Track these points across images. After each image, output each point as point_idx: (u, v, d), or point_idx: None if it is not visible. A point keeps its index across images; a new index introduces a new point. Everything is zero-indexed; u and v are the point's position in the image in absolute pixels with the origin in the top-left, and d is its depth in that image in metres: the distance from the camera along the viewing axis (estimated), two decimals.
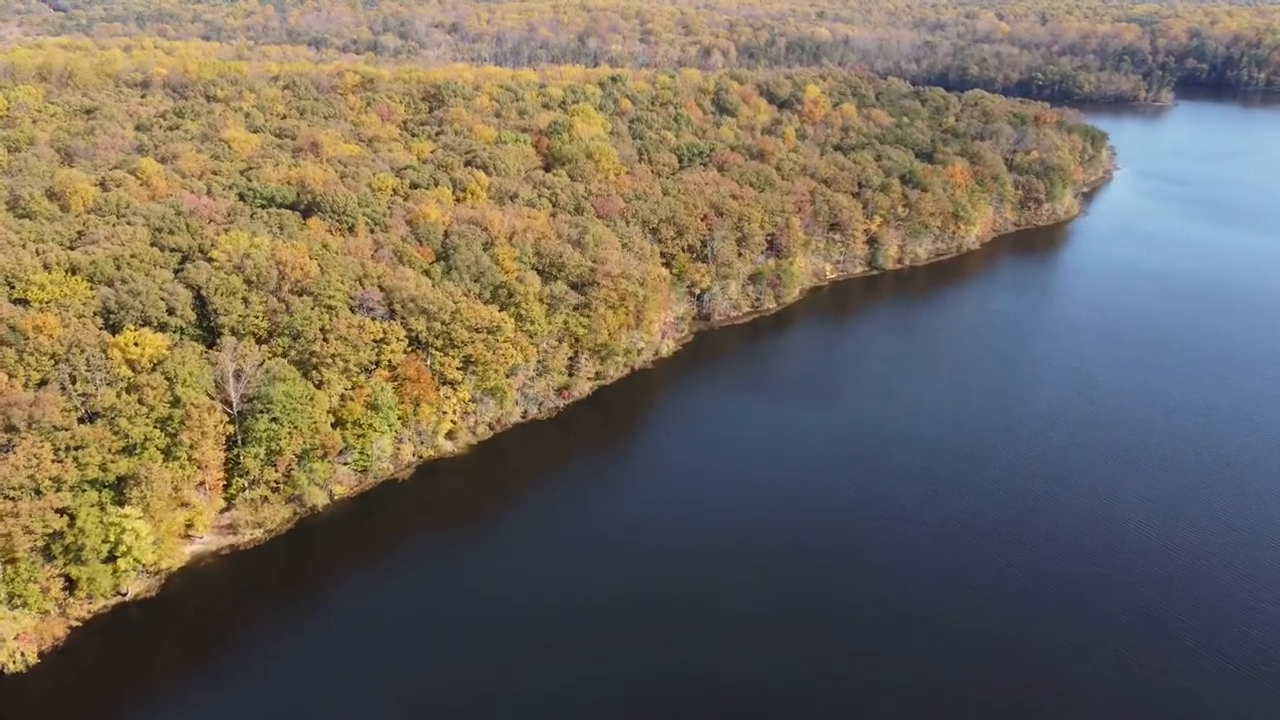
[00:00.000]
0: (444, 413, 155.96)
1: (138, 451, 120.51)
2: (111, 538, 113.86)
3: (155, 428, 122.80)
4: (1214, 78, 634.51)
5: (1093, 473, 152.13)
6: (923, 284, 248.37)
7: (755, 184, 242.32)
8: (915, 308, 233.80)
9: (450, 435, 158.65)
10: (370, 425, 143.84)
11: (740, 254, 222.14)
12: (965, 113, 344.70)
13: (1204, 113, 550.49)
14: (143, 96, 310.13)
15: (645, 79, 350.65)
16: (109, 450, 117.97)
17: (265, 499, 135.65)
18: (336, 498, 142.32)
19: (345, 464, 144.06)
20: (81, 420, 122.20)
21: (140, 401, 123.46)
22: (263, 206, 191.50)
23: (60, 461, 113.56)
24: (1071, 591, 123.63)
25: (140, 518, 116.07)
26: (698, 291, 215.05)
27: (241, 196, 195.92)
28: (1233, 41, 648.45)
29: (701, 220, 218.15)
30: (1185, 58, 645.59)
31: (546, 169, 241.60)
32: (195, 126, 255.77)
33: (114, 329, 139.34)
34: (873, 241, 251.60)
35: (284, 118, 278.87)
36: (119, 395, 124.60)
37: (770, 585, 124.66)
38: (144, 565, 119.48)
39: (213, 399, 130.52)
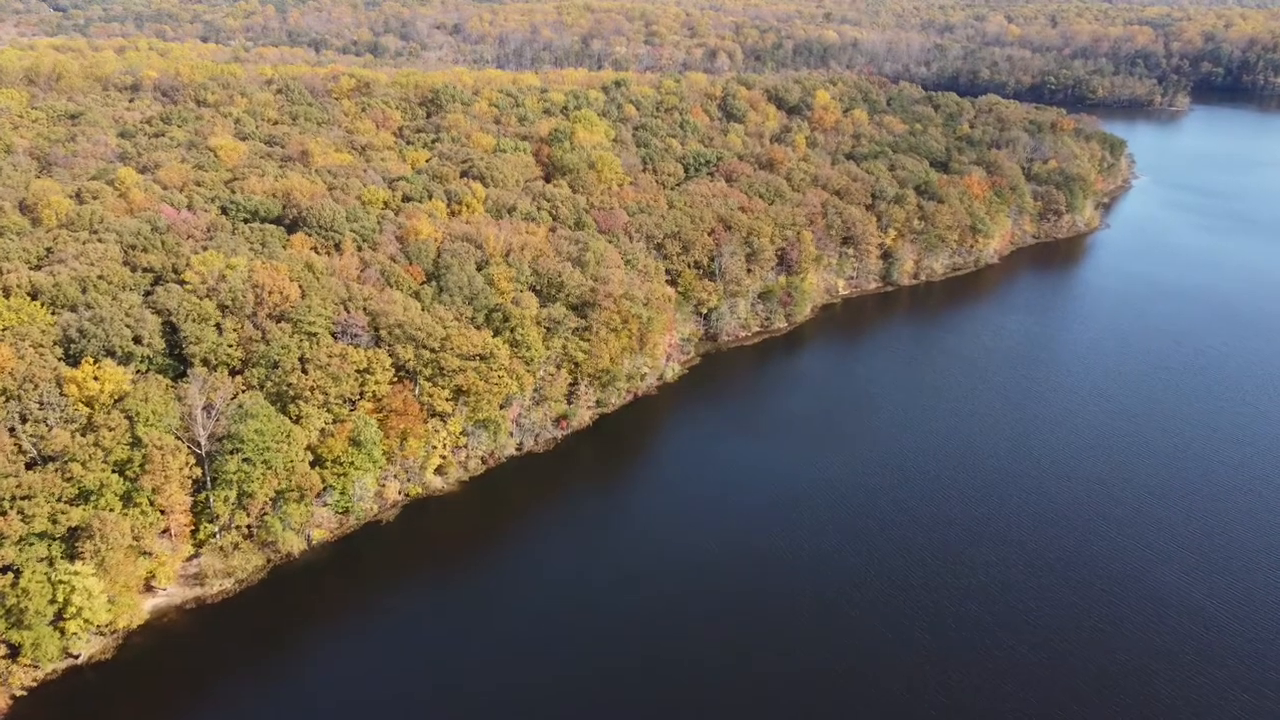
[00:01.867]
0: (433, 447, 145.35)
1: (92, 499, 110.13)
2: (59, 598, 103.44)
3: (113, 472, 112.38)
4: (1229, 81, 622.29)
5: (1125, 531, 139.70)
6: (939, 301, 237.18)
7: (764, 195, 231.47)
8: (932, 328, 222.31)
9: (439, 471, 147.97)
10: (352, 463, 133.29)
11: (749, 270, 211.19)
12: (980, 119, 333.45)
13: (1221, 117, 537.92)
14: (131, 101, 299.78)
15: (650, 83, 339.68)
16: (60, 499, 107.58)
17: (236, 546, 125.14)
18: (315, 542, 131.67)
19: (325, 505, 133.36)
20: (31, 464, 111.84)
21: (96, 444, 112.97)
22: (245, 221, 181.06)
23: (4, 514, 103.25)
24: (1104, 665, 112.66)
25: (92, 574, 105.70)
26: (704, 311, 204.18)
27: (224, 210, 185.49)
28: (1248, 45, 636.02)
29: (709, 235, 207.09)
30: (1200, 61, 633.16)
31: (547, 179, 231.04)
32: (181, 133, 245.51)
33: (74, 360, 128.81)
34: (887, 256, 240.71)
35: (275, 124, 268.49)
36: (73, 437, 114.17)
37: (774, 636, 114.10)
38: (97, 626, 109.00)
39: (178, 439, 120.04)
